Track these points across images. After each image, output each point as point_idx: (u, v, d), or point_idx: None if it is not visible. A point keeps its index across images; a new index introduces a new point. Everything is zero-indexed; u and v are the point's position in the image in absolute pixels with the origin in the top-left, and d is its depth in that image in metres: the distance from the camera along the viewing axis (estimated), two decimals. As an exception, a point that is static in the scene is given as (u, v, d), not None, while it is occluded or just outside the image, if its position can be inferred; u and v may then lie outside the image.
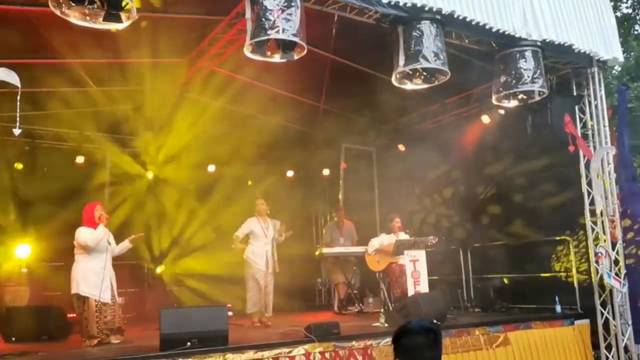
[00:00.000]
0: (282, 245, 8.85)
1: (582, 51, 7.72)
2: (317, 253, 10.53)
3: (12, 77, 5.34)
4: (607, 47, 8.00)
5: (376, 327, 7.62)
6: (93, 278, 6.68)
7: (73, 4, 5.14)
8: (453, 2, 6.52)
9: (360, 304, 10.01)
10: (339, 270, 10.27)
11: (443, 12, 6.47)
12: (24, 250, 9.93)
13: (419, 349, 2.60)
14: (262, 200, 8.59)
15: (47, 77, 8.72)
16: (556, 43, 7.40)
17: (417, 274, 8.09)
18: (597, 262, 7.99)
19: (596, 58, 8.07)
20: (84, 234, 6.74)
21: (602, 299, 8.06)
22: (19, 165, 10.50)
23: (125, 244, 7.29)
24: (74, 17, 5.30)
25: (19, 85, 5.24)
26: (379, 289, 9.31)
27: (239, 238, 8.45)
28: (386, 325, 7.58)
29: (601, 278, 7.93)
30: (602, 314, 8.03)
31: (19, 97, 5.21)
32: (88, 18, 5.33)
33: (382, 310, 8.28)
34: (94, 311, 6.62)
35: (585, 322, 8.14)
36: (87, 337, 6.61)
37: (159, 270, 11.46)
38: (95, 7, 5.22)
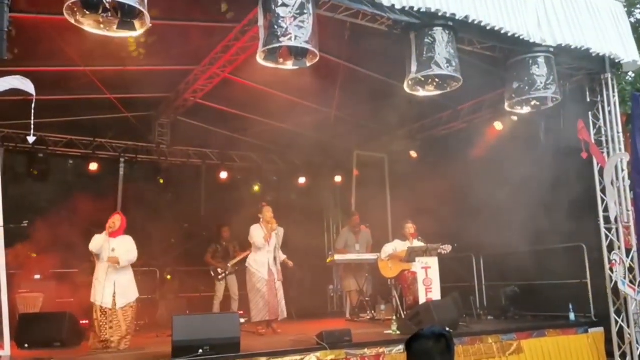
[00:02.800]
0: (294, 251, 8.83)
1: (599, 54, 7.66)
2: (328, 260, 10.52)
3: (27, 85, 5.39)
4: (626, 49, 7.93)
5: (388, 334, 7.59)
6: (97, 285, 7.00)
7: (87, 12, 5.19)
8: (467, 7, 6.50)
9: (373, 311, 9.97)
10: (351, 277, 10.25)
11: (457, 17, 6.45)
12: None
13: (430, 354, 2.59)
14: (268, 208, 8.45)
15: (60, 85, 8.81)
16: (573, 47, 7.33)
17: (429, 281, 8.05)
18: (611, 269, 7.91)
19: (616, 61, 8.01)
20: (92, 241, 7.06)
21: (616, 307, 7.98)
22: (35, 172, 10.57)
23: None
24: (88, 25, 5.35)
25: (34, 93, 5.28)
26: (391, 296, 9.28)
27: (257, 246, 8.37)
28: (398, 332, 7.55)
29: (615, 285, 7.86)
30: (617, 322, 7.95)
31: (33, 105, 5.25)
32: (102, 26, 5.38)
33: (394, 317, 8.24)
34: (99, 316, 6.87)
35: (599, 330, 8.07)
36: (93, 342, 6.87)
37: (168, 277, 11.47)
38: (109, 15, 5.27)
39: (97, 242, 6.98)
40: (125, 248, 7.16)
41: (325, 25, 6.29)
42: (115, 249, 7.06)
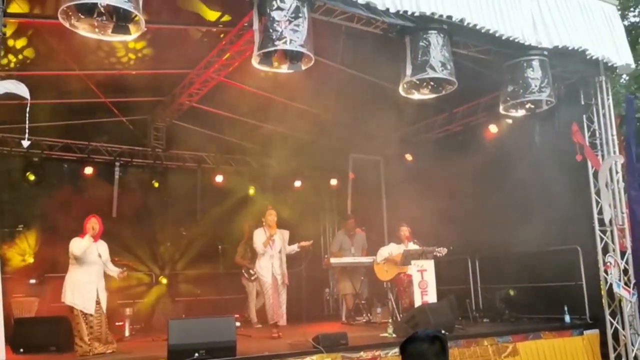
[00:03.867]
0: (289, 254, 8.82)
1: (593, 57, 7.66)
2: (324, 263, 10.53)
3: (21, 89, 5.37)
4: (619, 53, 7.94)
5: (384, 337, 7.59)
6: (79, 288, 6.91)
7: (82, 17, 5.19)
8: (462, 10, 6.51)
9: (369, 314, 9.97)
10: (347, 280, 10.24)
11: (453, 19, 6.45)
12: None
13: (424, 357, 2.59)
14: (272, 212, 8.31)
15: (56, 89, 8.80)
16: (570, 48, 7.33)
17: (424, 284, 8.06)
18: (606, 271, 7.94)
19: (609, 64, 8.01)
20: (72, 244, 6.98)
21: (611, 309, 8.00)
22: (30, 176, 10.52)
23: (114, 269, 7.35)
24: (83, 29, 5.36)
25: (28, 97, 5.27)
26: (387, 299, 9.28)
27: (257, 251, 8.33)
28: (394, 335, 7.54)
29: (610, 288, 7.88)
30: (612, 324, 7.97)
31: (27, 109, 5.24)
32: (97, 30, 5.38)
33: (390, 320, 8.24)
34: (82, 320, 6.82)
35: (594, 332, 8.08)
36: (77, 345, 6.80)
37: (164, 281, 11.45)
38: (104, 19, 5.27)
39: (83, 245, 6.91)
40: (107, 254, 7.23)
41: (321, 29, 6.30)
42: (101, 254, 7.10)
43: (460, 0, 6.51)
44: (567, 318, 8.27)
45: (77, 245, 6.91)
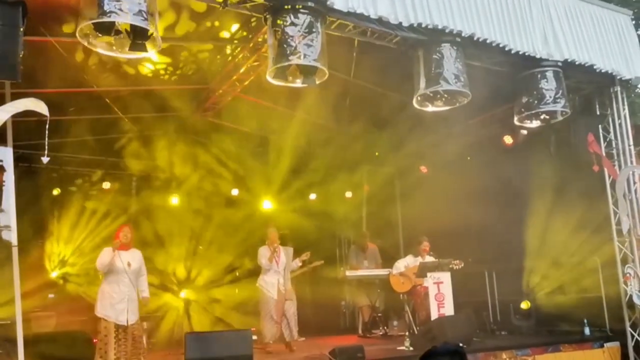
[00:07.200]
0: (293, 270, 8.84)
1: (603, 71, 7.66)
2: (340, 276, 10.52)
3: (41, 107, 5.46)
4: (630, 66, 7.92)
5: (401, 350, 7.56)
6: (109, 300, 6.82)
7: (99, 35, 5.28)
8: (473, 24, 6.54)
9: (385, 327, 9.93)
10: (363, 293, 10.21)
11: (463, 34, 6.49)
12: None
13: None
14: (273, 229, 8.48)
15: (73, 105, 8.92)
16: (577, 63, 7.35)
17: (441, 297, 8.02)
18: (625, 282, 7.85)
19: (618, 77, 8.01)
20: (98, 258, 6.95)
21: (632, 320, 7.90)
22: (51, 191, 10.64)
23: (143, 289, 7.28)
24: (101, 47, 5.46)
25: (47, 114, 5.35)
26: (403, 311, 9.24)
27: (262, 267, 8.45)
28: (411, 348, 7.51)
29: (630, 299, 7.79)
30: (633, 336, 7.87)
31: (47, 126, 5.31)
32: (114, 48, 5.48)
33: (407, 333, 8.21)
34: (111, 333, 6.71)
35: (615, 345, 7.99)
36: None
37: (183, 295, 11.48)
38: (121, 36, 5.36)
39: (105, 259, 6.82)
40: (139, 263, 7.11)
41: (334, 43, 6.35)
42: (130, 262, 6.94)
43: (471, 15, 6.55)
44: (587, 330, 8.20)
45: (98, 260, 6.89)
